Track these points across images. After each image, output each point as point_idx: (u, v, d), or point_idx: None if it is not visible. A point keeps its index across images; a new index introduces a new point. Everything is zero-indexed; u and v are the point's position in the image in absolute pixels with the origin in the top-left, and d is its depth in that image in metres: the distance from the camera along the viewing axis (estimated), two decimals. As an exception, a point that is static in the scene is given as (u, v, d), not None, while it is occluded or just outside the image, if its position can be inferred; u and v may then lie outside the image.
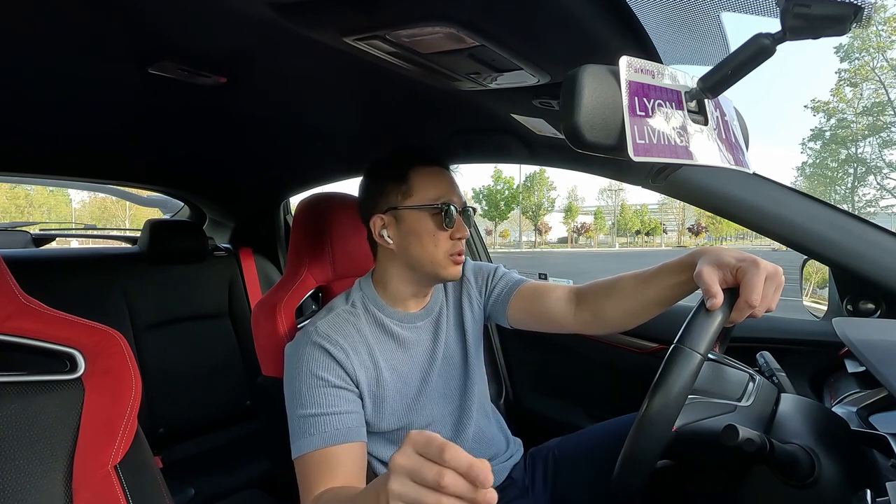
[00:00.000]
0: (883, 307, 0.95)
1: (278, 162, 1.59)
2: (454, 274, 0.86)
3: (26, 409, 0.58)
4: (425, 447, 0.41)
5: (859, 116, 34.53)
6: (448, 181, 0.87)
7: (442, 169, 0.87)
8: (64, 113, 1.03)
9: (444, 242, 0.84)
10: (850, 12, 0.40)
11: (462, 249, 0.86)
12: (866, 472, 0.64)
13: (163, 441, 1.57)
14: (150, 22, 0.65)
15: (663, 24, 0.55)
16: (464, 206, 0.87)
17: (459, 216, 0.85)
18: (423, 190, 0.84)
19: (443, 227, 0.83)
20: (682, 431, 0.72)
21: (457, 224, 0.85)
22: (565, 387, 1.53)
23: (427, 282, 0.90)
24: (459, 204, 0.86)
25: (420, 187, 0.84)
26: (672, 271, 0.75)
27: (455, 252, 0.85)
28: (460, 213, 0.86)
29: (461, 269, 0.88)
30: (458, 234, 0.85)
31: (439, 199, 0.83)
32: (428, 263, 0.84)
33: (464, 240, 0.86)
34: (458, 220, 0.85)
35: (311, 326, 0.83)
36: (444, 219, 0.82)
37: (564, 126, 0.48)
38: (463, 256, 0.87)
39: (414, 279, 0.88)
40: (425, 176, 0.85)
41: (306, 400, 0.76)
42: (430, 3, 0.53)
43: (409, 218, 0.84)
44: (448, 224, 0.83)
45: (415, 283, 0.89)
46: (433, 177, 0.85)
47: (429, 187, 0.84)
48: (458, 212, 0.85)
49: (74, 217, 47.02)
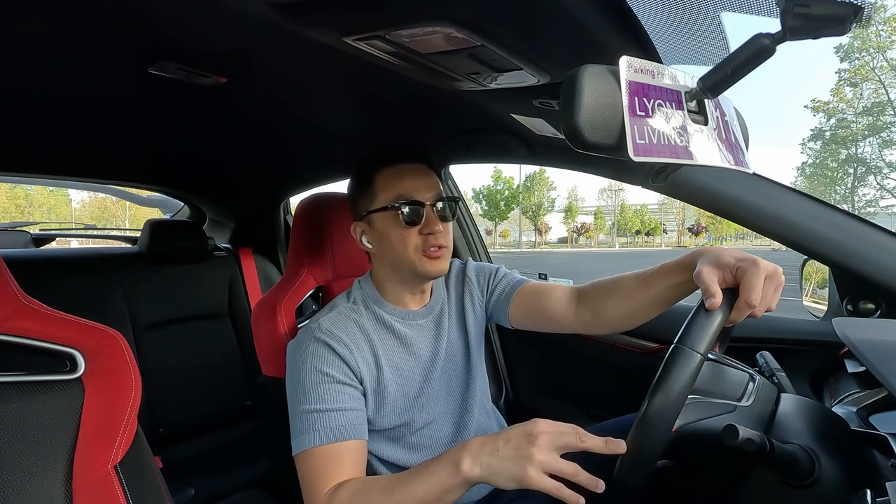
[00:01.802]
0: (883, 307, 0.95)
1: (278, 162, 1.59)
2: (432, 269, 0.83)
3: (26, 409, 0.58)
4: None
5: (859, 116, 34.54)
6: (414, 177, 0.84)
7: (409, 165, 0.85)
8: (64, 113, 1.03)
9: (413, 239, 0.82)
10: (850, 12, 0.40)
11: (438, 243, 0.83)
12: (866, 472, 0.64)
13: (163, 441, 1.57)
14: (150, 22, 0.65)
15: (663, 25, 0.55)
16: (437, 199, 0.84)
17: (430, 210, 0.83)
18: (385, 191, 0.83)
19: (407, 225, 0.82)
20: (682, 431, 0.72)
21: (425, 219, 0.82)
22: (565, 387, 1.53)
23: (414, 280, 0.88)
24: (430, 197, 0.83)
25: (382, 189, 0.83)
26: (672, 272, 0.75)
27: (427, 246, 0.82)
28: (432, 207, 0.83)
29: (445, 263, 0.85)
30: (427, 229, 0.82)
31: (401, 197, 0.82)
32: (404, 263, 0.84)
33: (438, 234, 0.83)
34: (428, 214, 0.82)
35: (314, 324, 0.83)
36: (405, 216, 0.81)
37: (564, 126, 0.48)
38: (440, 250, 0.83)
39: (402, 279, 0.88)
40: (387, 176, 0.84)
41: (310, 395, 0.76)
42: (430, 3, 0.53)
43: (378, 221, 0.84)
44: (409, 221, 0.81)
45: (404, 283, 0.88)
46: (395, 175, 0.83)
47: (390, 187, 0.83)
48: (430, 205, 0.82)
49: (74, 217, 47.04)
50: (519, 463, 0.56)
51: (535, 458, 0.55)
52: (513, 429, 0.59)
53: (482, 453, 0.59)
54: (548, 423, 0.58)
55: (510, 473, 0.56)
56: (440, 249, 0.83)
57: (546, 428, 0.57)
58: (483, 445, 0.60)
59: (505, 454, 0.57)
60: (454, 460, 0.61)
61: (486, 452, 0.59)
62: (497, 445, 0.59)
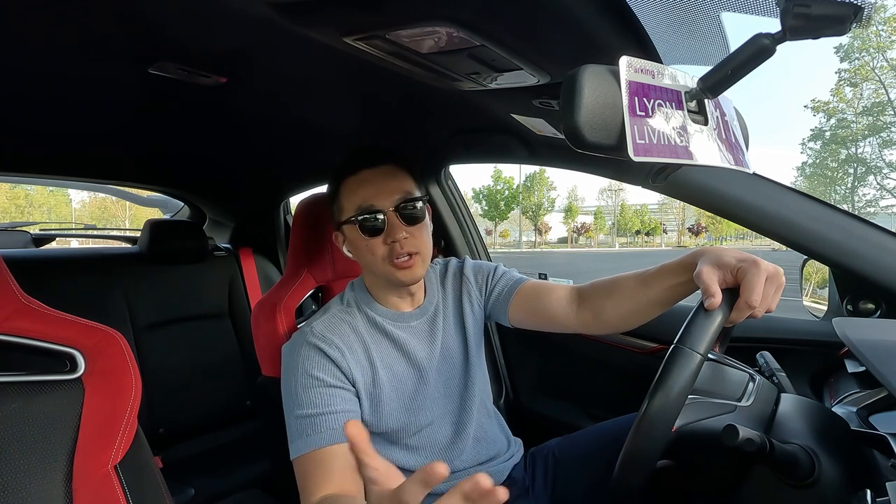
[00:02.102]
0: (883, 307, 0.95)
1: (278, 162, 1.59)
2: (403, 278, 0.81)
3: (26, 409, 0.58)
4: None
5: (859, 116, 34.55)
6: (373, 183, 0.80)
7: (371, 170, 0.81)
8: (64, 113, 1.03)
9: (379, 248, 0.80)
10: (850, 12, 0.40)
11: (405, 251, 0.79)
12: (866, 472, 0.64)
13: (163, 441, 1.57)
14: (150, 22, 0.65)
15: (663, 25, 0.55)
16: (401, 202, 0.80)
17: (394, 215, 0.79)
18: (348, 202, 0.82)
19: (370, 235, 0.80)
20: (682, 431, 0.72)
21: (388, 227, 0.79)
22: (565, 387, 1.52)
23: (393, 286, 0.87)
24: (390, 203, 0.79)
25: (346, 200, 0.82)
26: (672, 272, 0.75)
27: (394, 255, 0.80)
28: (396, 211, 0.80)
29: (418, 270, 0.82)
30: (390, 238, 0.79)
31: (359, 208, 0.80)
32: (378, 272, 0.83)
33: (405, 241, 0.79)
34: (390, 220, 0.79)
35: (307, 327, 0.83)
36: (365, 227, 0.79)
37: (564, 126, 0.48)
38: (410, 257, 0.80)
39: (384, 284, 0.88)
40: (348, 186, 0.82)
41: (302, 400, 0.76)
42: (430, 3, 0.53)
43: (347, 232, 0.85)
44: (370, 231, 0.79)
45: (387, 287, 0.88)
46: (356, 184, 0.81)
47: (351, 197, 0.81)
48: (393, 210, 0.79)
49: (74, 217, 47.04)
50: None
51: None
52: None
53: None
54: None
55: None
56: (410, 258, 0.81)
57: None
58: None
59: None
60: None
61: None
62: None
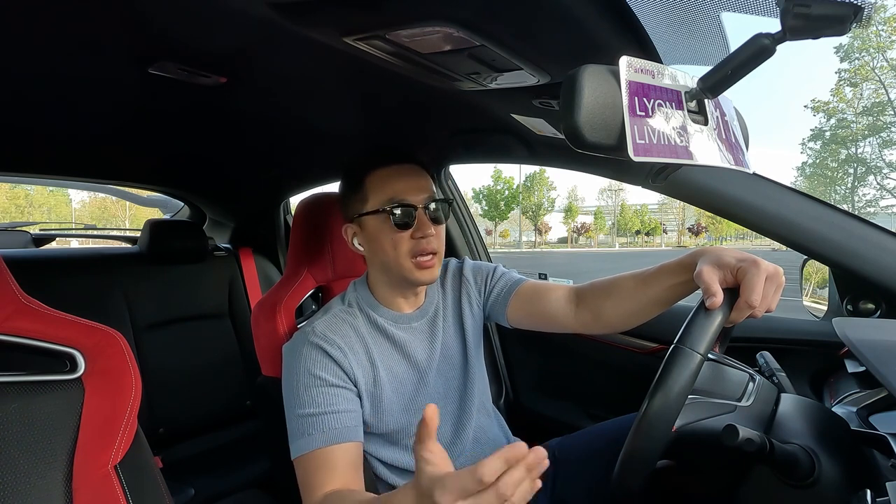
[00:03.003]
0: (883, 307, 0.95)
1: (278, 162, 1.59)
2: (422, 278, 0.82)
3: (26, 409, 0.59)
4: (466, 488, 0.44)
5: (859, 116, 34.55)
6: (405, 179, 0.82)
7: (400, 166, 0.83)
8: (64, 113, 1.03)
9: (405, 243, 0.81)
10: (850, 12, 0.40)
11: (430, 248, 0.81)
12: (866, 472, 0.64)
13: (163, 441, 1.57)
14: (150, 22, 0.65)
15: (663, 25, 0.55)
16: (429, 201, 0.82)
17: (423, 212, 0.82)
18: (376, 193, 0.82)
19: (398, 228, 0.80)
20: (682, 431, 0.72)
21: (417, 223, 0.81)
22: (565, 387, 1.53)
23: (404, 285, 0.87)
24: (421, 200, 0.81)
25: (374, 191, 0.82)
26: (672, 271, 0.75)
27: (418, 252, 0.81)
28: (425, 209, 0.82)
29: (436, 271, 0.84)
30: (419, 233, 0.81)
31: (392, 200, 0.80)
32: (394, 268, 0.83)
33: (431, 238, 0.81)
34: (420, 217, 0.81)
35: (308, 327, 0.83)
36: (396, 219, 0.80)
37: (564, 126, 0.48)
38: (432, 257, 0.82)
39: (393, 283, 0.87)
40: (379, 178, 0.83)
41: (304, 400, 0.76)
42: (430, 3, 0.53)
43: (369, 224, 0.83)
44: (400, 224, 0.80)
45: (395, 286, 0.88)
46: (387, 177, 0.82)
47: (382, 189, 0.81)
48: (423, 208, 0.81)
49: (74, 217, 47.03)
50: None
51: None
52: None
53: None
54: (450, 500, 0.45)
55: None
56: (432, 258, 0.82)
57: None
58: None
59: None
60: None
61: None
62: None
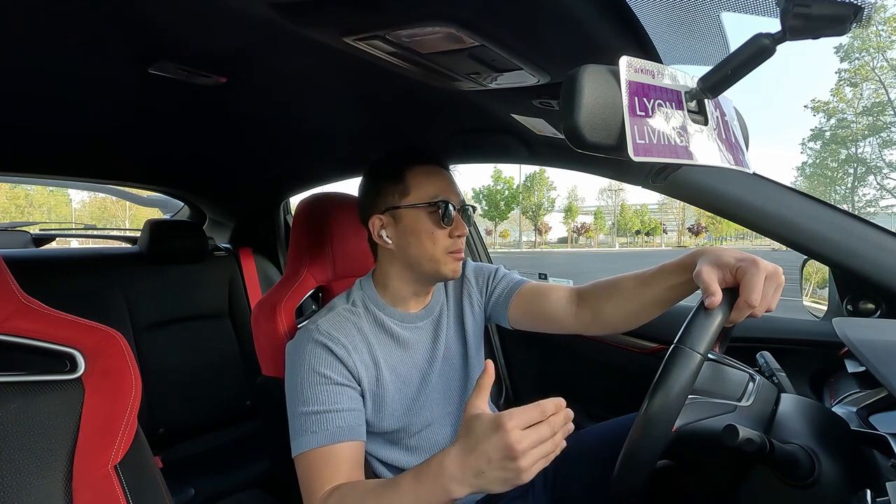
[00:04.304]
0: (883, 307, 0.95)
1: (278, 162, 1.59)
2: (454, 271, 0.86)
3: (26, 408, 0.58)
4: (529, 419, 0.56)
5: (859, 116, 34.54)
6: (446, 179, 0.86)
7: (439, 167, 0.87)
8: (64, 113, 1.03)
9: (443, 240, 0.84)
10: (850, 12, 0.40)
11: (461, 247, 0.86)
12: (866, 472, 0.64)
13: (163, 441, 1.57)
14: (150, 22, 0.65)
15: (663, 25, 0.55)
16: (462, 204, 0.87)
17: (458, 214, 0.86)
18: (420, 188, 0.84)
19: (441, 225, 0.83)
20: (682, 431, 0.72)
21: (455, 222, 0.85)
22: (565, 387, 1.53)
23: (427, 281, 0.89)
24: (457, 202, 0.86)
25: (417, 186, 0.84)
26: (672, 272, 0.75)
27: (454, 249, 0.85)
28: (459, 211, 0.86)
29: (461, 267, 0.88)
30: (458, 232, 0.85)
31: (437, 197, 0.83)
32: (427, 262, 0.84)
33: (463, 238, 0.86)
34: (457, 217, 0.85)
35: (313, 325, 0.83)
36: (441, 216, 0.82)
37: (564, 126, 0.48)
38: (462, 254, 0.87)
39: (414, 279, 0.88)
40: (422, 174, 0.85)
41: (308, 397, 0.76)
42: (430, 3, 0.53)
43: (407, 217, 0.84)
44: (446, 221, 0.83)
45: (415, 283, 0.89)
46: (430, 175, 0.85)
47: (426, 185, 0.84)
48: (457, 210, 0.85)
49: (74, 217, 47.02)
50: (509, 478, 0.54)
51: (524, 471, 0.54)
52: (486, 443, 0.55)
53: (467, 477, 0.56)
54: (517, 425, 0.54)
55: (502, 486, 0.55)
56: (460, 253, 0.86)
57: (519, 436, 0.54)
58: (463, 468, 0.56)
59: (493, 476, 0.55)
60: (440, 485, 0.58)
61: (471, 475, 0.56)
62: (480, 466, 0.55)
